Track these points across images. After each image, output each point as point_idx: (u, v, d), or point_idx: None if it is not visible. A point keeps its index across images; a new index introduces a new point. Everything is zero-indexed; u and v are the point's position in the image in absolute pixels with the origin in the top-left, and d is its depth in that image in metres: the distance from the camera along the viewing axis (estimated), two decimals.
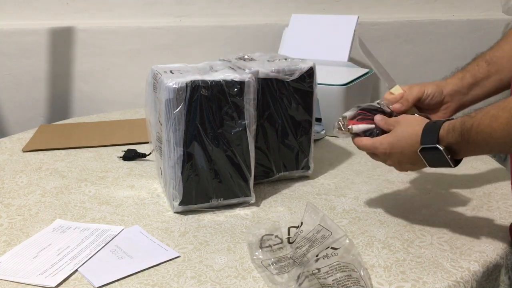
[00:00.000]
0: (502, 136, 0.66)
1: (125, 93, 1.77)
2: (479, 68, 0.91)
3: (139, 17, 1.75)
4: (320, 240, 0.73)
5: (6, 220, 0.87)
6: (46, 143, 1.24)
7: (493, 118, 0.66)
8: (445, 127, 0.73)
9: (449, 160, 0.73)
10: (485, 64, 0.90)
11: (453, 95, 0.90)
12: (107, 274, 0.71)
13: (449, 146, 0.72)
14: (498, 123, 0.65)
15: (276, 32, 1.69)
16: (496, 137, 0.66)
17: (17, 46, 1.65)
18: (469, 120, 0.69)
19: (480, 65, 0.91)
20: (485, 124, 0.67)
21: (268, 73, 0.93)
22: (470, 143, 0.70)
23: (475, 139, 0.69)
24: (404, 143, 0.78)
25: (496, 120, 0.66)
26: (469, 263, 0.74)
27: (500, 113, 0.66)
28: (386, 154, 0.81)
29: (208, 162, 0.87)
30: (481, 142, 0.69)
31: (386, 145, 0.80)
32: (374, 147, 0.82)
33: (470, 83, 0.90)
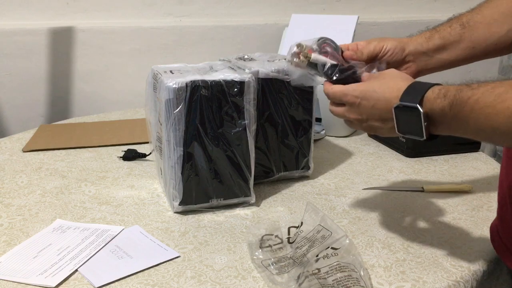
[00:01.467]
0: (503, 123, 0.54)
1: (125, 93, 1.77)
2: (451, 30, 0.80)
3: (139, 17, 1.75)
4: (320, 240, 0.73)
5: (6, 220, 0.87)
6: (46, 143, 1.24)
7: (499, 98, 0.54)
8: (435, 90, 0.62)
9: (423, 128, 0.62)
10: (459, 27, 0.80)
11: (415, 55, 0.81)
12: (107, 274, 0.71)
13: (430, 114, 0.62)
14: (504, 107, 0.54)
15: (276, 32, 1.69)
16: (495, 123, 0.55)
17: (17, 46, 1.65)
18: (468, 91, 0.58)
19: (454, 27, 0.80)
20: (487, 102, 0.55)
21: (268, 73, 0.93)
22: (459, 119, 0.59)
23: (466, 116, 0.58)
24: (380, 95, 0.67)
25: (502, 102, 0.54)
26: (469, 263, 0.74)
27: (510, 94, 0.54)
28: (355, 105, 0.70)
29: (208, 162, 0.87)
30: (472, 122, 0.57)
31: (358, 93, 0.69)
32: (343, 93, 0.71)
33: (437, 45, 0.80)
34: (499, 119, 0.54)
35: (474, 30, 0.80)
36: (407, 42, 0.81)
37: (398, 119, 0.65)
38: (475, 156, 1.18)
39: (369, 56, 0.79)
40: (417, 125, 0.63)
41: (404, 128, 0.65)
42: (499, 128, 0.55)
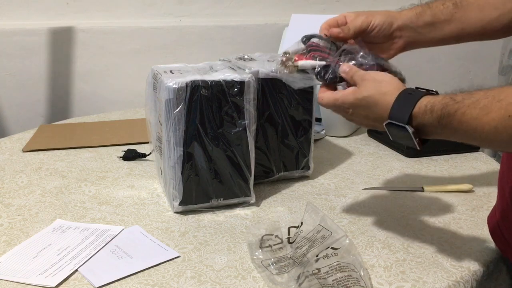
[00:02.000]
0: (490, 133, 0.57)
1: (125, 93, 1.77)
2: (444, 8, 0.80)
3: (139, 17, 1.75)
4: (320, 240, 0.73)
5: (6, 220, 0.87)
6: (46, 143, 1.24)
7: (483, 111, 0.57)
8: (421, 105, 0.63)
9: (415, 142, 0.64)
10: (452, 6, 0.80)
11: (403, 30, 0.80)
12: (107, 274, 0.71)
13: (421, 127, 0.64)
14: (489, 118, 0.56)
15: (276, 32, 1.69)
16: (483, 133, 0.58)
17: (17, 46, 1.65)
18: (453, 105, 0.60)
19: (446, 6, 0.80)
20: (473, 116, 0.58)
21: (268, 73, 0.93)
22: (449, 129, 0.61)
23: (455, 128, 0.60)
24: (369, 111, 0.68)
25: (487, 114, 0.57)
26: (469, 263, 0.74)
27: (494, 106, 0.56)
28: (348, 114, 0.72)
29: (208, 162, 0.87)
30: (462, 133, 0.60)
31: (348, 105, 0.70)
32: (334, 105, 0.72)
33: (427, 22, 0.80)
34: (485, 130, 0.57)
35: (466, 11, 0.79)
36: (396, 16, 0.80)
37: (391, 133, 0.67)
38: (475, 156, 1.18)
39: (356, 32, 0.78)
40: (410, 141, 0.65)
41: (399, 140, 0.67)
42: (487, 138, 0.58)
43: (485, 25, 0.80)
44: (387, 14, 0.80)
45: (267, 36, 1.77)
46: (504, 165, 0.76)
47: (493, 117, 0.56)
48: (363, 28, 0.78)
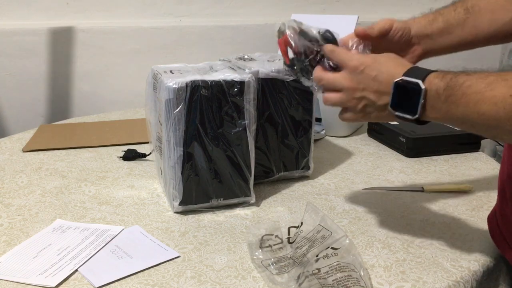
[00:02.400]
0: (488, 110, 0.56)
1: (125, 93, 1.77)
2: (455, 14, 0.80)
3: (139, 17, 1.75)
4: (320, 240, 0.73)
5: (6, 220, 0.87)
6: (46, 143, 1.24)
7: (488, 86, 0.57)
8: (436, 72, 0.63)
9: (419, 105, 0.62)
10: (463, 11, 0.80)
11: (420, 37, 0.80)
12: (107, 274, 0.71)
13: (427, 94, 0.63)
14: (491, 94, 0.56)
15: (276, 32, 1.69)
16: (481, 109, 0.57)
17: (17, 46, 1.65)
18: (463, 76, 0.60)
19: (458, 11, 0.80)
20: (477, 89, 0.57)
21: (268, 73, 0.93)
22: (450, 102, 0.60)
23: (457, 100, 0.59)
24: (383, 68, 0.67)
25: (491, 90, 0.56)
26: (469, 263, 0.74)
27: (499, 84, 0.56)
28: (357, 71, 0.68)
29: (208, 162, 0.87)
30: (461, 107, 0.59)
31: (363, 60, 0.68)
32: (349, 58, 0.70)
33: (440, 29, 0.80)
34: (485, 105, 0.56)
35: (478, 16, 0.79)
36: (412, 23, 0.81)
37: (395, 94, 0.65)
38: (475, 156, 1.18)
39: (380, 32, 0.78)
40: (413, 102, 0.63)
41: (399, 104, 0.65)
42: (484, 115, 0.57)
43: (498, 28, 0.80)
44: (404, 21, 0.80)
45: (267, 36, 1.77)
46: (505, 165, 0.76)
47: (495, 94, 0.56)
48: (386, 28, 0.78)
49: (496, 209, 0.79)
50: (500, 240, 0.76)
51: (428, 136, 1.18)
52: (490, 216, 0.81)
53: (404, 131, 1.19)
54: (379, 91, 0.67)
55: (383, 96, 0.67)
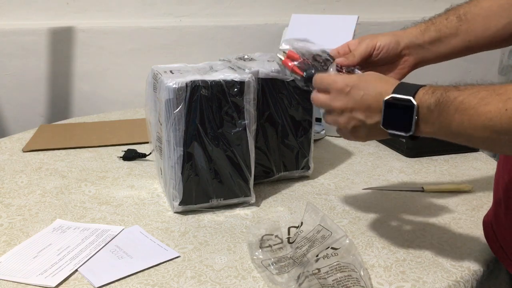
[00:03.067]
0: (484, 125, 0.55)
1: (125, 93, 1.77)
2: (448, 22, 0.79)
3: (139, 17, 1.75)
4: (320, 240, 0.73)
5: (6, 220, 0.87)
6: (46, 143, 1.24)
7: (482, 101, 0.55)
8: (425, 88, 0.62)
9: (413, 122, 0.61)
10: (456, 19, 0.79)
11: (411, 48, 0.80)
12: (107, 274, 0.71)
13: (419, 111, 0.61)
14: (487, 110, 0.55)
15: (276, 32, 1.69)
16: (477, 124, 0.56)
17: (17, 46, 1.65)
18: (454, 92, 0.58)
19: (450, 20, 0.80)
20: (471, 105, 0.56)
21: (268, 73, 0.93)
22: (443, 118, 0.59)
23: (450, 116, 0.58)
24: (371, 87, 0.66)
25: (485, 105, 0.55)
26: (469, 263, 0.74)
27: (493, 98, 0.55)
28: (343, 93, 0.68)
29: (208, 162, 0.87)
30: (455, 123, 0.58)
31: (349, 81, 0.68)
32: (333, 80, 0.70)
33: (432, 38, 0.80)
34: (480, 121, 0.55)
35: (470, 23, 0.79)
36: (402, 35, 0.80)
37: (387, 112, 0.64)
38: (475, 156, 1.18)
39: (362, 57, 0.78)
40: (406, 119, 0.62)
41: (392, 122, 0.64)
42: (479, 131, 0.56)
43: (492, 34, 0.79)
44: (392, 34, 0.80)
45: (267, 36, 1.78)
46: (500, 166, 0.76)
47: (490, 109, 0.55)
48: (368, 51, 0.78)
49: (491, 210, 0.79)
50: (493, 241, 0.76)
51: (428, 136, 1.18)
52: (485, 217, 0.81)
53: None
54: (368, 111, 0.66)
55: (373, 115, 0.66)
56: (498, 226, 0.74)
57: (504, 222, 0.73)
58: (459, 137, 0.60)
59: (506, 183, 0.72)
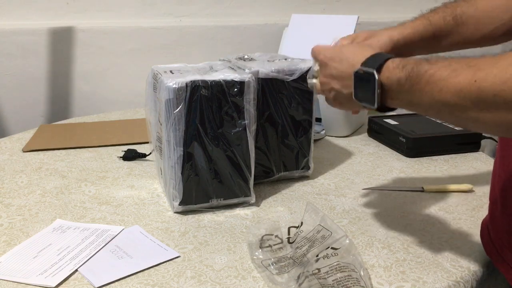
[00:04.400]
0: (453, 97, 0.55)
1: (125, 93, 1.77)
2: (444, 24, 0.81)
3: (139, 17, 1.75)
4: (320, 240, 0.73)
5: (6, 220, 0.87)
6: (46, 143, 1.24)
7: (453, 73, 0.55)
8: (395, 60, 0.62)
9: (376, 94, 0.62)
10: (453, 21, 0.81)
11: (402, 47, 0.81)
12: (107, 274, 0.71)
13: (388, 84, 0.62)
14: (456, 81, 0.54)
15: (276, 32, 1.69)
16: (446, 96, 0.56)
17: (17, 46, 1.65)
18: (426, 65, 0.58)
19: (447, 22, 0.81)
20: (442, 77, 0.56)
21: (268, 73, 0.93)
22: (414, 91, 0.59)
23: (421, 89, 0.58)
24: (344, 58, 0.69)
25: (455, 77, 0.55)
26: (469, 263, 0.74)
27: (464, 70, 0.54)
28: (324, 65, 0.73)
29: (208, 162, 0.87)
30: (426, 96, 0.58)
31: (327, 53, 0.72)
32: (318, 51, 0.75)
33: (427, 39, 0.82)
34: (450, 92, 0.55)
35: (464, 25, 0.81)
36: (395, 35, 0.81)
37: (356, 84, 0.66)
38: (475, 156, 1.18)
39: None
40: (372, 93, 0.63)
41: (361, 93, 0.65)
42: (449, 102, 0.56)
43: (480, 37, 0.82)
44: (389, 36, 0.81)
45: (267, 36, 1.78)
46: (496, 165, 0.76)
47: (459, 80, 0.54)
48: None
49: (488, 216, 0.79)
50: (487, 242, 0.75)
51: (428, 136, 1.18)
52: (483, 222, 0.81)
53: (404, 131, 1.19)
54: (343, 82, 0.69)
55: (348, 86, 0.68)
56: (494, 226, 0.74)
57: (500, 223, 0.73)
58: (429, 111, 0.60)
59: (503, 182, 0.72)
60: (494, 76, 0.51)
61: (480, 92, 0.52)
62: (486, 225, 0.78)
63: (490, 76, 0.51)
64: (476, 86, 0.53)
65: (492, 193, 0.76)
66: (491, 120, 0.53)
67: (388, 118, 1.32)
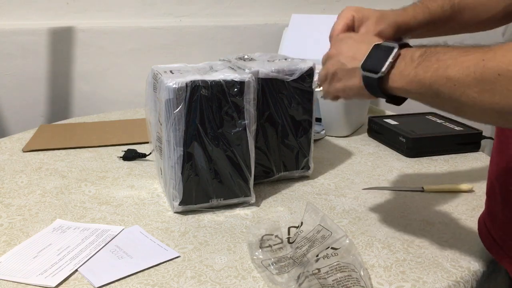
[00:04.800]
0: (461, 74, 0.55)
1: (125, 93, 1.77)
2: (442, 13, 0.82)
3: (139, 17, 1.75)
4: (320, 240, 0.73)
5: (6, 220, 0.87)
6: (46, 143, 1.24)
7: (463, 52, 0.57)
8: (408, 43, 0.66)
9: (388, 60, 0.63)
10: (450, 9, 0.82)
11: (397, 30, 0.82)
12: (107, 274, 0.71)
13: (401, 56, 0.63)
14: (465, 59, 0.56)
15: (276, 32, 1.69)
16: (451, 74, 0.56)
17: (17, 46, 1.65)
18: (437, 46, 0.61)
19: (445, 10, 0.82)
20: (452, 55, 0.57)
21: (268, 73, 0.93)
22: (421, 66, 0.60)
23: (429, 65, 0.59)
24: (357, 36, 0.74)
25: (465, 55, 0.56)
26: (469, 263, 0.74)
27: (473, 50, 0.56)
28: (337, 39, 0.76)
29: (208, 162, 0.87)
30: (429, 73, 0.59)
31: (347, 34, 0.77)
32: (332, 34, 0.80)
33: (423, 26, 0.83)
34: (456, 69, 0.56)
35: (460, 13, 0.83)
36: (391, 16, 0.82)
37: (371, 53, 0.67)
38: (475, 156, 1.18)
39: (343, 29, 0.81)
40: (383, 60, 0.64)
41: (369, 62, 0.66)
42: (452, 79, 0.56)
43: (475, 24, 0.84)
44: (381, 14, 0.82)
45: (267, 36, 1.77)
46: (493, 162, 0.76)
47: (468, 58, 0.55)
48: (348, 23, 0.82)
49: (485, 211, 0.79)
50: (488, 239, 0.76)
51: (428, 136, 1.18)
52: (481, 215, 0.81)
53: (404, 131, 1.19)
54: (353, 57, 0.70)
55: (355, 60, 0.69)
56: (492, 220, 0.74)
57: (500, 216, 0.72)
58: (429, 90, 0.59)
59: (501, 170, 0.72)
60: (502, 56, 0.52)
61: (485, 69, 0.53)
62: (483, 223, 0.78)
63: (498, 55, 0.52)
64: (482, 64, 0.53)
65: (489, 187, 0.76)
66: (488, 103, 0.53)
67: (388, 118, 1.32)
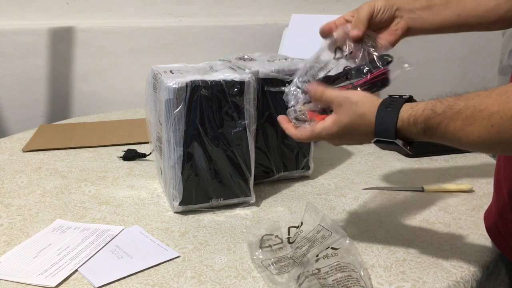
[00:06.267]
0: (475, 141, 0.59)
1: (125, 93, 1.77)
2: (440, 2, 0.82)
3: (139, 17, 1.75)
4: (320, 240, 0.73)
5: (6, 220, 0.87)
6: (46, 143, 1.24)
7: (466, 121, 0.58)
8: (403, 118, 0.63)
9: (408, 150, 0.66)
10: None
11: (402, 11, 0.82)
12: (107, 274, 0.71)
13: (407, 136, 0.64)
14: (473, 128, 0.58)
15: (276, 32, 1.69)
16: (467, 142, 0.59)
17: (17, 46, 1.65)
18: (435, 117, 0.60)
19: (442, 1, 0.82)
20: (456, 127, 0.59)
21: (268, 73, 0.93)
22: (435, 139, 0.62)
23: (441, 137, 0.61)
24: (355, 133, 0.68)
25: (470, 125, 0.58)
26: (469, 263, 0.74)
27: (477, 116, 0.57)
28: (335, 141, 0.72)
29: (208, 162, 0.87)
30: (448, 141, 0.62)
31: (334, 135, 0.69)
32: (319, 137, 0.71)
33: (423, 5, 0.82)
34: (470, 139, 0.59)
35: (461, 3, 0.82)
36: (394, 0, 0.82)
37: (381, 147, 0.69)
38: (475, 156, 1.18)
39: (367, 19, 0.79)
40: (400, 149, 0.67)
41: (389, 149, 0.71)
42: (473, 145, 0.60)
43: (481, 14, 0.81)
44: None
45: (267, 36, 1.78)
46: (500, 162, 0.76)
47: (476, 128, 0.58)
48: (370, 12, 0.79)
49: (493, 207, 0.79)
50: (498, 239, 0.76)
51: None
52: (487, 214, 0.81)
53: None
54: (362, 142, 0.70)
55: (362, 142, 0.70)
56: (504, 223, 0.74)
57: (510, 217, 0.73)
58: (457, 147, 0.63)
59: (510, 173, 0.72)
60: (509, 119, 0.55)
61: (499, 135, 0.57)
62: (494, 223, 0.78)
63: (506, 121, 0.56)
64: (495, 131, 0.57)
65: (498, 190, 0.76)
66: None
67: None
